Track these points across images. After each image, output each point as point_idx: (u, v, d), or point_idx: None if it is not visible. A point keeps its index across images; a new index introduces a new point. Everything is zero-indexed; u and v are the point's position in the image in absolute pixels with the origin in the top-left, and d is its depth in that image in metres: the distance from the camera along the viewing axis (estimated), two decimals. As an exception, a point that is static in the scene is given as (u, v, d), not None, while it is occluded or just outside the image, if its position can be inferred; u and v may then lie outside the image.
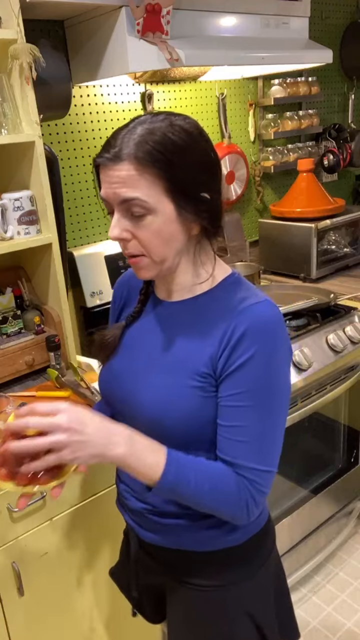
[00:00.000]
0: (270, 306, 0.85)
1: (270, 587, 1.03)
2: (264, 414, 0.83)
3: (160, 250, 0.84)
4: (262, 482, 0.84)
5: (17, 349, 1.53)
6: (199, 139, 0.82)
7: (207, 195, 0.83)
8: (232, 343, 0.82)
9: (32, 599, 1.29)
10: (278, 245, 2.34)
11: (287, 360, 0.87)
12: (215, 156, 0.85)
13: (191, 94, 2.10)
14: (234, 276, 0.91)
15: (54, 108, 1.61)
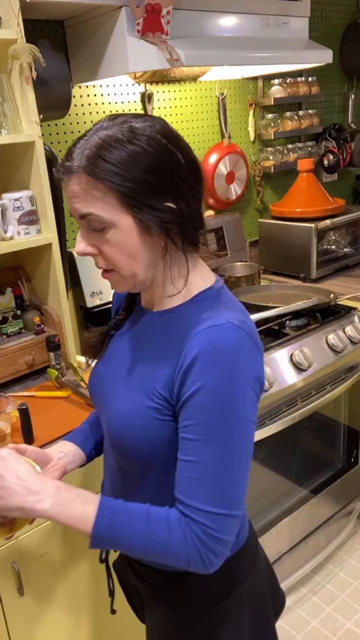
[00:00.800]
0: (229, 330, 0.76)
1: (240, 620, 0.96)
2: (218, 450, 0.75)
3: (126, 265, 0.79)
4: (215, 527, 0.75)
5: (17, 349, 1.53)
6: (161, 143, 0.76)
7: (173, 204, 0.77)
8: (183, 369, 0.76)
9: (32, 599, 1.29)
10: (278, 245, 2.34)
11: (248, 390, 0.77)
12: (187, 160, 0.79)
13: (191, 94, 2.10)
14: (212, 290, 0.84)
15: (54, 108, 1.61)
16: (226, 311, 0.80)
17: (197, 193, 0.81)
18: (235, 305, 0.84)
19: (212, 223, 2.18)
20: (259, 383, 0.81)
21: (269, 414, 1.60)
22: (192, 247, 0.83)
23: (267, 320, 1.75)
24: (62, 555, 1.32)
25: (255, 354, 0.79)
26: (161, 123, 0.78)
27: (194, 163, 0.80)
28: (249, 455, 0.81)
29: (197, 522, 0.75)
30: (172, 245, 0.80)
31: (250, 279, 2.09)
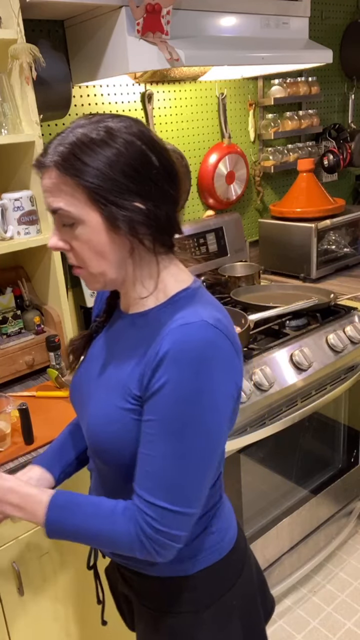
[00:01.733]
0: (201, 328, 0.75)
1: (229, 626, 0.96)
2: (174, 447, 0.75)
3: (95, 263, 0.80)
4: (160, 520, 0.76)
5: (17, 349, 1.53)
6: (134, 143, 0.76)
7: (141, 204, 0.77)
8: (153, 366, 0.76)
9: (32, 599, 1.29)
10: (278, 245, 2.34)
11: (218, 392, 0.76)
12: (162, 163, 0.79)
13: (191, 94, 2.10)
14: (189, 290, 0.83)
15: (54, 108, 1.61)
16: (201, 309, 0.79)
17: (170, 196, 0.81)
18: (213, 303, 0.83)
19: (212, 223, 2.18)
20: (234, 385, 0.80)
21: (269, 414, 1.60)
22: (165, 249, 0.83)
23: (267, 320, 1.76)
24: (62, 555, 1.32)
25: (230, 354, 0.78)
26: (138, 125, 0.79)
27: (169, 166, 0.80)
28: (211, 459, 0.79)
29: (144, 513, 0.77)
30: (141, 246, 0.80)
31: (250, 279, 2.09)
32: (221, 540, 0.94)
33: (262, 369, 1.54)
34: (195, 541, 0.91)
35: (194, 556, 0.91)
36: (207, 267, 2.16)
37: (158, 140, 0.81)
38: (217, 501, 0.94)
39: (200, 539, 0.91)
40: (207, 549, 0.92)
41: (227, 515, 0.97)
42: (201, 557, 0.92)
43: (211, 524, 0.93)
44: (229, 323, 0.81)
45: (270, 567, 1.83)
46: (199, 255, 2.13)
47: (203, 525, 0.91)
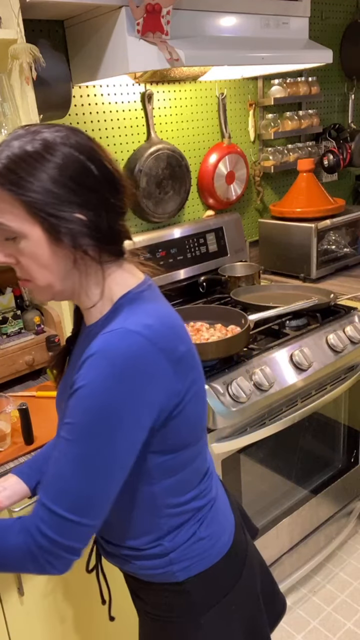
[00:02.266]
0: (120, 336, 0.74)
1: (229, 631, 0.95)
2: (78, 454, 0.74)
3: (41, 276, 0.80)
4: (54, 528, 0.74)
5: (17, 349, 1.53)
6: (70, 154, 0.75)
7: (82, 216, 0.76)
8: (75, 374, 0.76)
9: (32, 599, 1.29)
10: (278, 245, 2.34)
11: (127, 404, 0.73)
12: (102, 171, 0.78)
13: (191, 94, 2.10)
14: (129, 295, 0.82)
15: (54, 108, 1.61)
16: (132, 315, 0.78)
17: (112, 205, 0.80)
18: (151, 308, 0.81)
19: (212, 223, 2.18)
20: (164, 394, 0.77)
21: (269, 414, 1.60)
22: (112, 257, 0.82)
23: (267, 320, 1.75)
24: (62, 555, 1.32)
25: (155, 362, 0.75)
26: (76, 135, 0.78)
27: (109, 175, 0.79)
28: (113, 471, 0.76)
29: (39, 521, 0.75)
30: (86, 257, 0.79)
31: (250, 279, 2.09)
32: (213, 546, 0.92)
33: (262, 369, 1.54)
34: (182, 548, 0.90)
35: (183, 563, 0.90)
36: (207, 267, 2.16)
37: (98, 148, 0.80)
38: (202, 506, 0.92)
39: (188, 545, 0.90)
40: (198, 555, 0.91)
41: (220, 520, 0.95)
42: (191, 563, 0.91)
43: (200, 530, 0.91)
44: (167, 328, 0.78)
45: (270, 567, 1.83)
46: (197, 255, 2.13)
47: (190, 532, 0.90)
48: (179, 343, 0.80)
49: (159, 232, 2.04)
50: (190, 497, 0.90)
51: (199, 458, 0.90)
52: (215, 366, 1.55)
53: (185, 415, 0.82)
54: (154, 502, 0.86)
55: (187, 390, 0.81)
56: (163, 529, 0.89)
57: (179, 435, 0.83)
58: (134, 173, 1.93)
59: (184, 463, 0.86)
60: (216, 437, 1.48)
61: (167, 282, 2.03)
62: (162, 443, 0.81)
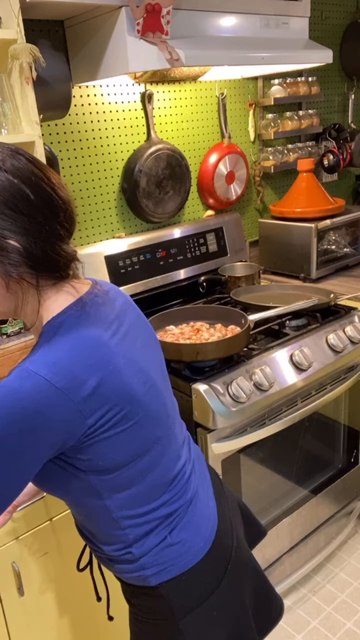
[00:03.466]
0: (16, 377, 0.74)
1: (212, 637, 0.94)
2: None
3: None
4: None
5: (17, 349, 1.53)
6: (6, 179, 0.74)
7: (15, 243, 0.75)
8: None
9: (32, 599, 1.29)
10: (278, 245, 2.34)
11: (11, 445, 0.72)
12: (39, 195, 0.77)
13: (191, 94, 2.10)
14: (55, 321, 0.80)
15: (54, 108, 1.61)
16: (41, 350, 0.77)
17: (50, 230, 0.78)
18: (61, 338, 0.78)
19: (212, 223, 2.18)
20: (55, 433, 0.75)
21: (269, 414, 1.60)
22: (51, 281, 0.81)
23: (267, 320, 1.75)
24: (62, 555, 1.32)
25: (51, 403, 0.74)
26: (13, 158, 0.77)
27: (47, 198, 0.78)
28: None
29: None
30: (22, 281, 0.78)
31: (250, 279, 2.09)
32: (187, 552, 0.91)
33: (262, 369, 1.54)
34: (152, 553, 0.89)
35: (155, 568, 0.90)
36: (207, 267, 2.16)
37: (40, 171, 0.78)
38: (172, 512, 0.91)
39: (158, 551, 0.89)
40: (170, 561, 0.90)
41: (197, 522, 0.93)
42: (164, 568, 0.90)
43: (171, 535, 0.90)
44: (76, 361, 0.76)
45: (270, 567, 1.83)
46: (197, 255, 2.13)
47: (160, 537, 0.89)
48: (89, 377, 0.77)
49: (159, 232, 2.04)
50: (154, 507, 0.88)
51: (159, 468, 0.88)
52: (215, 366, 1.55)
53: (109, 441, 0.80)
54: (110, 515, 0.86)
55: (104, 421, 0.79)
56: (129, 538, 0.88)
57: (107, 458, 0.81)
58: (134, 173, 1.93)
59: (134, 479, 0.85)
60: (216, 437, 1.48)
61: (167, 282, 2.03)
62: (89, 466, 0.81)
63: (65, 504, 1.29)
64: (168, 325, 1.70)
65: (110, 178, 1.96)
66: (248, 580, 1.01)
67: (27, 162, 0.78)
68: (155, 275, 1.99)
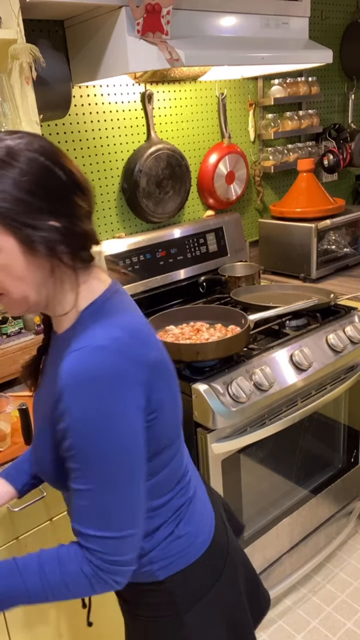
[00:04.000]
0: (92, 354, 0.73)
1: (212, 629, 0.96)
2: (100, 478, 0.75)
3: (15, 288, 0.77)
4: (109, 551, 0.76)
5: (17, 349, 1.53)
6: (37, 161, 0.74)
7: (56, 223, 0.75)
8: (56, 397, 0.75)
9: (32, 599, 1.29)
10: (278, 245, 2.34)
11: (118, 415, 0.74)
12: (69, 176, 0.77)
13: (191, 94, 2.10)
14: (94, 305, 0.81)
15: (54, 108, 1.61)
16: (99, 329, 0.77)
17: (82, 209, 0.79)
18: (117, 318, 0.80)
19: (212, 223, 2.18)
20: (141, 399, 0.77)
21: (269, 414, 1.60)
22: (84, 263, 0.81)
23: (267, 320, 1.75)
24: (62, 555, 1.32)
25: (129, 373, 0.75)
26: (38, 140, 0.76)
27: (76, 179, 0.78)
28: (136, 477, 0.78)
29: (92, 550, 0.77)
30: (61, 264, 0.78)
31: (250, 279, 2.09)
32: (191, 544, 0.93)
33: (262, 369, 1.54)
34: (161, 547, 0.90)
35: (163, 561, 0.91)
36: (207, 267, 2.16)
37: (61, 153, 0.79)
38: (180, 505, 0.93)
39: (167, 544, 0.91)
40: (177, 554, 0.91)
41: (198, 518, 0.95)
42: (171, 562, 0.91)
43: (177, 528, 0.92)
44: (133, 337, 0.78)
45: (270, 567, 1.83)
46: (197, 255, 2.13)
47: (168, 531, 0.91)
48: (150, 350, 0.80)
49: (159, 232, 2.04)
50: (166, 500, 0.90)
51: (175, 460, 0.90)
52: (215, 366, 1.55)
53: (164, 418, 0.83)
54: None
55: (163, 394, 0.82)
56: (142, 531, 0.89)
57: (157, 439, 0.83)
58: (134, 173, 1.93)
59: (161, 466, 0.87)
60: (216, 437, 1.48)
61: (167, 282, 2.03)
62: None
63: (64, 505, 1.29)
64: (168, 325, 1.70)
65: (110, 178, 1.96)
66: (241, 573, 1.04)
67: (50, 144, 0.78)
68: (155, 275, 1.99)
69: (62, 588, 0.78)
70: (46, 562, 0.78)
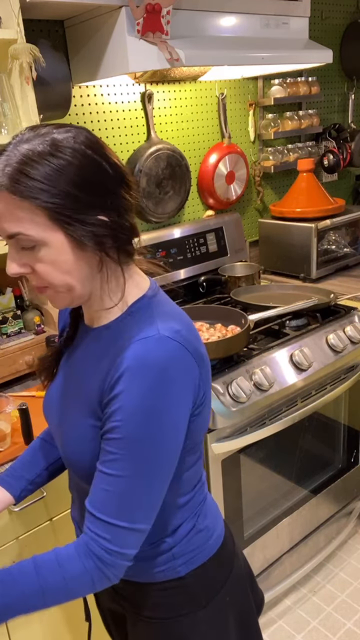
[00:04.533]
0: (159, 343, 0.74)
1: (225, 623, 0.96)
2: (137, 468, 0.74)
3: (62, 281, 0.76)
4: (115, 541, 0.76)
5: (17, 349, 1.53)
6: (86, 155, 0.73)
7: (105, 217, 0.74)
8: (112, 383, 0.75)
9: (32, 599, 1.29)
10: (278, 245, 2.34)
11: (177, 406, 0.75)
12: (115, 169, 0.76)
13: (191, 94, 2.10)
14: (144, 299, 0.82)
15: (54, 108, 1.61)
16: (160, 322, 0.77)
17: (128, 202, 0.78)
18: (170, 313, 0.81)
19: (212, 223, 2.18)
20: (191, 395, 0.78)
21: (269, 414, 1.60)
22: (128, 257, 0.81)
23: (267, 320, 1.75)
24: (62, 555, 1.32)
25: (188, 366, 0.77)
26: (84, 133, 0.75)
27: (121, 172, 0.77)
28: (169, 475, 0.79)
29: (97, 537, 0.76)
30: (107, 258, 0.77)
31: (250, 279, 2.09)
32: (210, 538, 0.94)
33: (262, 369, 1.54)
34: (183, 542, 0.91)
35: (185, 556, 0.91)
36: (207, 267, 2.16)
37: (106, 145, 0.78)
38: (202, 500, 0.95)
39: (190, 538, 0.91)
40: (198, 548, 0.92)
41: (213, 512, 0.97)
42: (192, 556, 0.92)
43: (198, 522, 0.93)
44: (189, 332, 0.80)
45: (270, 567, 1.83)
46: (197, 255, 2.13)
47: (191, 524, 0.92)
48: (199, 345, 0.81)
49: (159, 232, 2.04)
50: (192, 494, 0.91)
51: (201, 456, 0.92)
52: (215, 366, 1.55)
53: (205, 413, 0.84)
54: (163, 501, 0.86)
55: (207, 389, 0.84)
56: (168, 527, 0.90)
57: (196, 433, 0.84)
58: (134, 173, 1.93)
59: (192, 462, 0.88)
60: (216, 437, 1.48)
61: (167, 282, 2.02)
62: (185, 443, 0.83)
63: (64, 505, 1.29)
64: (168, 325, 1.70)
65: (110, 178, 1.96)
66: (244, 567, 1.05)
67: (95, 136, 0.77)
68: (159, 274, 1.99)
69: (62, 589, 0.76)
70: (43, 565, 0.77)
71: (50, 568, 0.77)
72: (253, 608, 1.04)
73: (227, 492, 1.59)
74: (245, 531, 1.71)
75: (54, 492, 1.25)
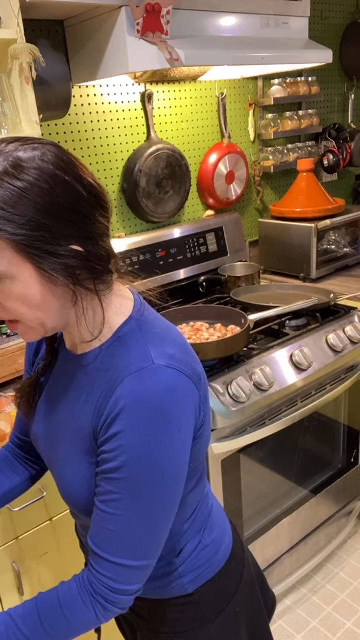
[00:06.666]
0: (155, 375, 0.69)
1: (237, 633, 0.95)
2: (140, 507, 0.71)
3: (32, 316, 0.70)
4: (120, 579, 0.73)
5: (17, 349, 1.53)
6: (55, 176, 0.65)
7: (79, 247, 0.67)
8: (108, 421, 0.70)
9: (32, 599, 1.29)
10: (278, 245, 2.34)
11: (176, 443, 0.71)
12: (89, 190, 0.69)
13: (191, 94, 2.10)
14: (131, 322, 0.76)
15: (54, 108, 1.61)
16: (151, 347, 0.72)
17: (103, 227, 0.71)
18: (161, 334, 0.76)
19: (212, 223, 2.18)
20: (195, 420, 0.75)
21: (269, 414, 1.60)
22: (106, 286, 0.75)
23: (267, 320, 1.75)
24: (62, 555, 1.32)
25: (189, 392, 0.73)
26: (53, 150, 0.67)
27: (96, 192, 0.70)
28: (174, 508, 0.75)
29: (101, 575, 0.73)
30: (82, 290, 0.70)
31: (250, 279, 2.09)
32: (217, 552, 0.92)
33: (262, 369, 1.54)
34: (190, 559, 0.89)
35: (192, 574, 0.90)
36: (207, 267, 2.16)
37: (78, 163, 0.70)
38: (207, 514, 0.92)
39: (196, 555, 0.90)
40: (205, 564, 0.90)
41: (219, 525, 0.95)
42: (200, 573, 0.90)
43: (204, 538, 0.91)
44: (184, 353, 0.75)
45: (270, 567, 1.83)
46: (197, 255, 2.14)
47: (197, 541, 0.90)
48: (196, 364, 0.77)
49: (159, 232, 2.04)
50: (195, 513, 0.89)
51: (204, 473, 0.90)
52: (215, 366, 1.55)
53: (206, 431, 0.81)
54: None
55: (207, 407, 0.80)
56: (177, 546, 0.88)
57: (198, 454, 0.81)
58: (134, 173, 1.93)
59: (195, 483, 0.86)
60: (216, 437, 1.48)
61: (167, 282, 2.03)
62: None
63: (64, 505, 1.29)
64: (168, 325, 1.70)
65: (110, 178, 1.96)
66: (254, 571, 1.03)
67: (64, 153, 0.69)
68: (155, 275, 1.99)
69: (69, 631, 0.75)
70: (46, 609, 0.74)
71: (53, 613, 0.74)
72: (264, 613, 1.03)
73: (227, 492, 1.59)
74: (245, 531, 1.71)
75: (54, 492, 1.25)
